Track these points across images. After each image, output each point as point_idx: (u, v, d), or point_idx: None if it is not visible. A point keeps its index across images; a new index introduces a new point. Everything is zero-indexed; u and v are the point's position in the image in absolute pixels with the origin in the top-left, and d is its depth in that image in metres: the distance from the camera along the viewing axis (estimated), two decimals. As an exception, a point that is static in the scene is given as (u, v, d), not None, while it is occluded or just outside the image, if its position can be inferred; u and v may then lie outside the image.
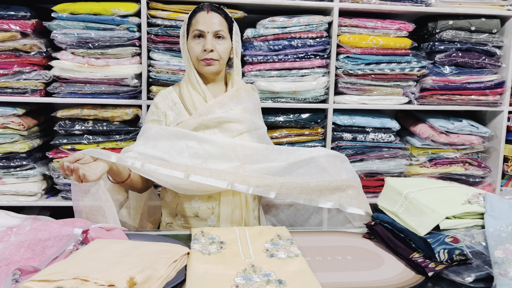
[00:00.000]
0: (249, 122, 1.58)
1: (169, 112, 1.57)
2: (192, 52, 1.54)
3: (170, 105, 1.58)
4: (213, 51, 1.51)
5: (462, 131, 2.29)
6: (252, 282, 1.05)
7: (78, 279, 0.97)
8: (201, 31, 1.51)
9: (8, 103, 2.05)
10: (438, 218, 1.21)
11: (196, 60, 1.54)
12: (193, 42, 1.53)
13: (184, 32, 1.57)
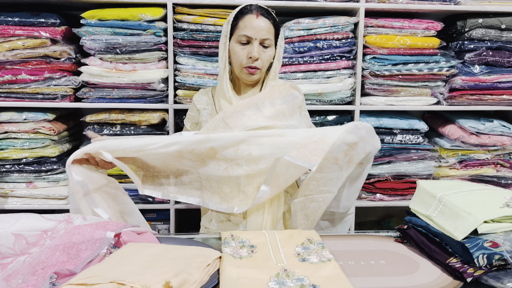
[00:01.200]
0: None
1: (203, 111, 1.57)
2: (236, 57, 1.47)
3: (204, 105, 1.57)
4: (258, 60, 1.45)
5: (493, 132, 2.23)
6: (286, 286, 1.04)
7: (114, 283, 0.98)
8: (249, 37, 1.44)
9: (39, 108, 2.09)
10: (476, 222, 1.18)
11: (239, 66, 1.48)
12: (238, 46, 1.46)
13: (228, 32, 1.48)
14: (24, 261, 1.13)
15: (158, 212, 2.29)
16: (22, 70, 2.04)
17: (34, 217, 1.41)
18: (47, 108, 2.11)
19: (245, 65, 1.47)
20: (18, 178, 2.09)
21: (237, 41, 1.47)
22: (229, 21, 1.49)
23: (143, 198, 2.17)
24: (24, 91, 2.06)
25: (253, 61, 1.45)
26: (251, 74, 1.48)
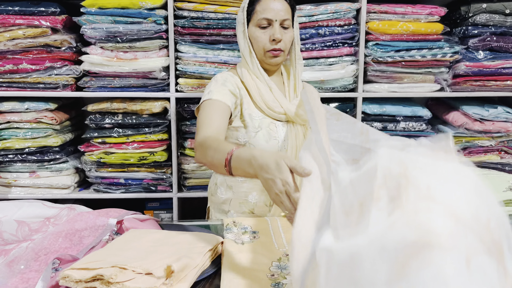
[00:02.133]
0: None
1: (237, 90, 1.44)
2: (258, 42, 1.43)
3: (237, 85, 1.46)
4: (281, 41, 1.42)
5: (498, 118, 2.21)
6: (287, 271, 1.05)
7: (116, 267, 0.98)
8: (269, 19, 1.41)
9: (40, 98, 2.09)
10: (478, 206, 1.17)
11: (262, 51, 1.44)
12: (258, 31, 1.43)
13: (244, 19, 1.45)
14: (26, 247, 1.14)
15: (161, 201, 2.30)
16: (23, 59, 2.03)
17: (37, 204, 1.42)
18: (49, 97, 2.10)
19: (268, 49, 1.43)
20: (21, 168, 2.10)
21: (256, 25, 1.43)
22: (244, 7, 1.46)
23: (146, 187, 2.17)
24: (25, 80, 2.05)
25: (276, 43, 1.42)
26: (275, 56, 1.44)
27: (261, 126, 1.44)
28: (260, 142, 1.43)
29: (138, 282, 0.95)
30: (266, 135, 1.44)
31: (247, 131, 1.44)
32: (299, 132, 1.48)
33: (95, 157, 2.10)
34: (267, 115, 1.46)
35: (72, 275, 0.96)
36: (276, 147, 1.44)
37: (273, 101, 1.45)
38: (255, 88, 1.46)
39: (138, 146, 2.11)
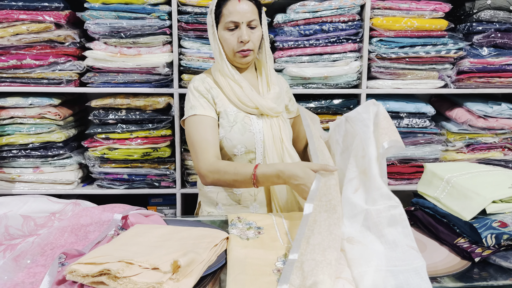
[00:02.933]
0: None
1: (209, 95, 1.52)
2: (227, 44, 1.49)
3: (208, 89, 1.53)
4: (249, 42, 1.48)
5: (501, 115, 2.21)
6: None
7: (123, 262, 0.98)
8: (236, 22, 1.46)
9: (44, 93, 2.09)
10: (484, 202, 1.17)
11: (232, 52, 1.50)
12: (227, 33, 1.48)
13: (213, 21, 1.50)
14: (33, 242, 1.14)
15: (164, 196, 2.30)
16: (26, 55, 2.03)
17: (42, 200, 1.42)
18: (53, 93, 2.11)
19: (237, 50, 1.49)
20: (25, 163, 2.10)
21: (224, 28, 1.48)
22: (212, 10, 1.50)
23: (149, 183, 2.18)
24: (29, 76, 2.05)
25: (244, 44, 1.47)
26: (244, 56, 1.50)
27: (236, 120, 1.51)
28: (235, 136, 1.49)
29: (145, 277, 0.95)
30: (241, 128, 1.50)
31: (222, 127, 1.50)
32: (274, 123, 1.55)
33: (98, 152, 2.10)
34: (241, 110, 1.52)
35: (79, 270, 0.96)
36: (251, 139, 1.51)
37: (244, 96, 1.51)
38: (228, 87, 1.52)
39: (142, 142, 2.11)
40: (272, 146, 1.52)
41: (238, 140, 1.49)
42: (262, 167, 1.35)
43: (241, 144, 1.49)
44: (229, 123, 1.50)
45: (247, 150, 1.51)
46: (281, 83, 1.65)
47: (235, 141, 1.49)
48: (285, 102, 1.66)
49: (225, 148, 1.51)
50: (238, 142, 1.49)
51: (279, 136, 1.54)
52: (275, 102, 1.55)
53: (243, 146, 1.50)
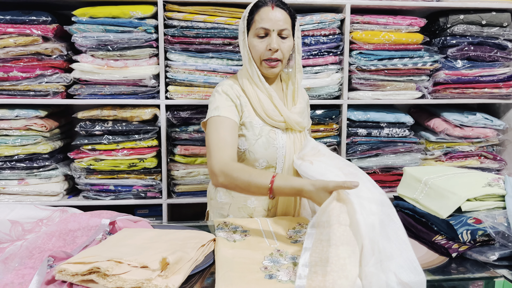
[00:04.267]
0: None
1: (237, 101, 1.49)
2: (255, 50, 1.46)
3: (237, 95, 1.50)
4: (278, 51, 1.45)
5: (477, 124, 2.30)
6: (279, 264, 1.08)
7: (112, 261, 1.00)
8: (267, 29, 1.43)
9: (30, 105, 2.10)
10: (459, 201, 1.23)
11: (259, 60, 1.47)
12: (256, 40, 1.46)
13: (244, 28, 1.48)
14: (21, 245, 1.15)
15: (151, 207, 2.31)
16: (13, 67, 2.05)
17: (29, 207, 1.43)
18: (39, 105, 2.12)
19: (264, 58, 1.46)
20: (9, 175, 2.10)
21: (255, 35, 1.46)
22: (245, 17, 1.49)
23: (135, 194, 2.19)
24: (15, 88, 2.07)
25: (273, 52, 1.44)
26: (271, 67, 1.48)
27: (261, 134, 1.48)
28: (259, 150, 1.47)
29: (134, 274, 0.97)
30: (265, 142, 1.48)
31: (246, 139, 1.48)
32: (297, 138, 1.53)
33: (84, 164, 2.11)
34: (267, 123, 1.49)
35: (68, 269, 0.98)
36: (274, 154, 1.49)
37: (273, 110, 1.48)
38: (255, 97, 1.49)
39: (128, 153, 2.13)
40: (291, 161, 1.49)
41: (261, 154, 1.47)
42: (279, 181, 1.25)
43: (263, 158, 1.48)
44: (254, 136, 1.47)
45: (268, 165, 1.50)
46: (304, 97, 1.64)
47: (258, 155, 1.47)
48: (307, 117, 1.65)
49: (246, 160, 1.49)
50: (260, 156, 1.47)
51: (297, 150, 1.52)
52: (300, 116, 1.53)
53: (265, 161, 1.49)
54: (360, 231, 0.99)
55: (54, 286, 0.98)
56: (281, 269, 1.05)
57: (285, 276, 1.01)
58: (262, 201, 1.52)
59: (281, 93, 1.58)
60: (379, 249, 0.98)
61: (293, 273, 1.02)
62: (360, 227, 0.99)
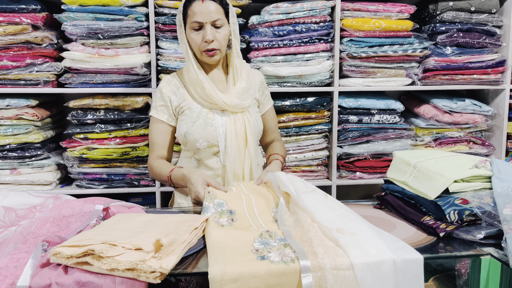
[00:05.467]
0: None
1: (173, 97, 1.62)
2: (194, 43, 1.56)
3: (174, 90, 1.63)
4: (214, 41, 1.53)
5: (466, 110, 2.33)
6: (270, 246, 1.09)
7: (106, 244, 1.01)
8: (200, 22, 1.52)
9: (21, 94, 2.10)
10: (447, 182, 1.26)
11: (199, 51, 1.57)
12: (193, 33, 1.54)
13: (181, 22, 1.57)
14: (15, 230, 1.16)
15: (144, 196, 2.32)
16: (3, 56, 2.04)
17: (22, 194, 1.44)
18: (30, 94, 2.11)
19: (203, 49, 1.55)
20: (1, 165, 2.09)
21: (190, 28, 1.54)
22: (180, 11, 1.57)
23: (128, 182, 2.19)
24: (6, 77, 2.06)
25: (209, 43, 1.53)
26: (210, 56, 1.56)
27: (199, 116, 1.58)
28: (197, 130, 1.57)
29: (128, 256, 0.98)
30: (202, 123, 1.57)
31: (186, 122, 1.59)
32: (238, 119, 1.61)
33: (77, 153, 2.12)
34: (205, 107, 1.60)
35: (63, 252, 0.99)
36: (213, 133, 1.58)
37: (205, 95, 1.57)
38: (191, 85, 1.60)
39: (121, 142, 2.14)
40: (234, 141, 1.58)
41: (200, 135, 1.57)
42: (175, 171, 1.56)
43: (202, 138, 1.57)
44: (192, 119, 1.58)
45: (209, 144, 1.58)
46: (253, 77, 1.70)
47: (196, 136, 1.57)
48: (257, 96, 1.71)
49: (188, 143, 1.59)
50: (200, 136, 1.57)
51: (243, 131, 1.60)
52: (239, 97, 1.60)
53: (205, 140, 1.58)
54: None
55: (49, 269, 1.00)
56: (272, 250, 1.06)
57: (277, 257, 1.02)
58: (219, 179, 1.61)
59: (224, 77, 1.67)
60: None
61: (285, 254, 1.03)
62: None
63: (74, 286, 0.94)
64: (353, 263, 0.97)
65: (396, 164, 1.49)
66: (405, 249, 1.04)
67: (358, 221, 1.15)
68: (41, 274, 0.97)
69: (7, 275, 0.96)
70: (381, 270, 0.98)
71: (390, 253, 1.01)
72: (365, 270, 0.96)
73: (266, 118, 1.76)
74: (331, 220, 1.14)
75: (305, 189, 1.31)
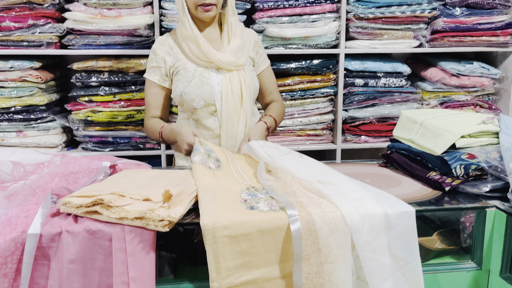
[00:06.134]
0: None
1: (167, 57, 1.60)
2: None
3: (168, 50, 1.61)
4: None
5: (473, 73, 2.30)
6: (257, 197, 1.08)
7: (115, 194, 1.02)
8: None
9: (25, 56, 2.08)
10: (454, 137, 1.25)
11: (194, 6, 1.53)
12: None
13: None
14: (24, 183, 1.17)
15: (150, 159, 2.33)
16: (5, 17, 2.01)
17: (30, 151, 1.45)
18: (33, 56, 2.10)
19: (199, 3, 1.51)
20: (7, 127, 2.10)
21: None
22: None
23: (134, 145, 2.20)
24: (8, 38, 2.04)
25: None
26: (206, 11, 1.53)
27: (194, 75, 1.56)
28: (193, 90, 1.55)
29: (137, 206, 1.00)
30: (198, 82, 1.56)
31: (181, 82, 1.57)
32: (234, 77, 1.59)
33: (82, 115, 2.12)
34: (200, 66, 1.58)
35: (72, 201, 1.00)
36: (209, 92, 1.56)
37: (200, 53, 1.55)
38: (185, 44, 1.57)
39: (125, 104, 2.13)
40: (230, 99, 1.57)
41: (196, 94, 1.55)
42: (165, 127, 1.59)
43: (199, 97, 1.56)
44: (187, 79, 1.56)
45: (206, 103, 1.57)
46: (247, 36, 1.67)
47: (193, 95, 1.55)
48: (251, 55, 1.68)
49: (185, 103, 1.58)
50: (196, 96, 1.55)
51: (239, 89, 1.58)
52: (234, 55, 1.58)
53: (201, 100, 1.56)
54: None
55: (59, 219, 1.01)
56: (260, 201, 1.05)
57: (266, 207, 1.02)
58: (211, 139, 1.60)
59: (218, 34, 1.64)
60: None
61: (273, 204, 1.03)
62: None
63: (85, 234, 0.96)
64: (338, 205, 0.99)
65: (402, 122, 1.48)
66: (395, 200, 1.05)
67: (336, 174, 1.17)
68: (51, 223, 0.99)
69: (18, 223, 0.98)
70: (368, 209, 0.99)
71: (375, 201, 1.02)
72: (351, 210, 0.98)
73: (263, 79, 1.73)
74: (310, 175, 1.16)
75: (279, 153, 1.31)
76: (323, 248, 0.93)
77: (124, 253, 0.96)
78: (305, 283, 0.94)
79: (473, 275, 1.13)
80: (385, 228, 0.98)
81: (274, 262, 0.95)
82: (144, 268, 0.97)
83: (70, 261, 0.94)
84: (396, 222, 0.98)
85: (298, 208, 0.99)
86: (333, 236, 0.94)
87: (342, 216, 0.96)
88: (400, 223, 0.99)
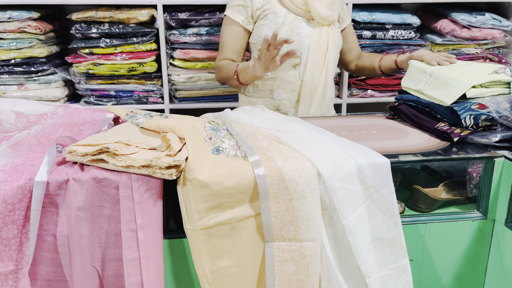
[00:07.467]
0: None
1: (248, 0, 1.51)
2: None
3: None
4: None
5: (485, 25, 2.23)
6: (221, 133, 1.10)
7: (120, 143, 1.02)
8: None
9: (22, 6, 2.01)
10: (464, 87, 1.22)
11: None
12: None
13: None
14: (28, 133, 1.16)
15: (153, 113, 2.31)
16: (-1, -36, 1.93)
17: (32, 102, 1.42)
18: (31, 6, 2.03)
19: None
20: (8, 80, 2.07)
21: None
22: None
23: (137, 99, 2.18)
24: (4, -13, 1.97)
25: None
26: None
27: (284, 22, 1.49)
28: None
29: (143, 155, 0.99)
30: (289, 30, 1.48)
31: (269, 27, 1.49)
32: (324, 31, 1.52)
33: (83, 68, 2.08)
34: (291, 11, 1.50)
35: (78, 150, 1.00)
36: (299, 43, 1.49)
37: (301, 1, 1.47)
38: None
39: (127, 57, 2.09)
40: (316, 53, 1.51)
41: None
42: (241, 64, 1.48)
43: (286, 47, 1.41)
44: (277, 25, 1.48)
45: None
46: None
47: None
48: (338, 11, 1.61)
49: None
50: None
51: (326, 44, 1.52)
52: (329, 8, 1.51)
53: (288, 49, 1.42)
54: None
55: (65, 167, 1.01)
56: (224, 139, 1.06)
57: (232, 151, 1.03)
58: (287, 94, 1.57)
59: None
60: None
61: (237, 147, 1.04)
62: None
63: (91, 182, 0.96)
64: (297, 148, 1.00)
65: (411, 73, 1.45)
66: (360, 146, 1.05)
67: (297, 124, 1.18)
68: (58, 171, 0.98)
69: (24, 171, 0.98)
70: (328, 148, 1.01)
71: (335, 144, 1.03)
72: (311, 150, 0.99)
73: (346, 36, 1.67)
74: (270, 125, 1.16)
75: (243, 112, 1.30)
76: (289, 184, 0.93)
77: (131, 201, 0.96)
78: (274, 222, 0.95)
79: (478, 224, 1.14)
80: (350, 157, 0.98)
81: (246, 201, 0.96)
82: (152, 216, 0.97)
83: (78, 208, 0.95)
84: (361, 153, 1.00)
85: (258, 151, 1.00)
86: (297, 172, 0.94)
87: (302, 155, 0.98)
88: (367, 151, 1.01)
